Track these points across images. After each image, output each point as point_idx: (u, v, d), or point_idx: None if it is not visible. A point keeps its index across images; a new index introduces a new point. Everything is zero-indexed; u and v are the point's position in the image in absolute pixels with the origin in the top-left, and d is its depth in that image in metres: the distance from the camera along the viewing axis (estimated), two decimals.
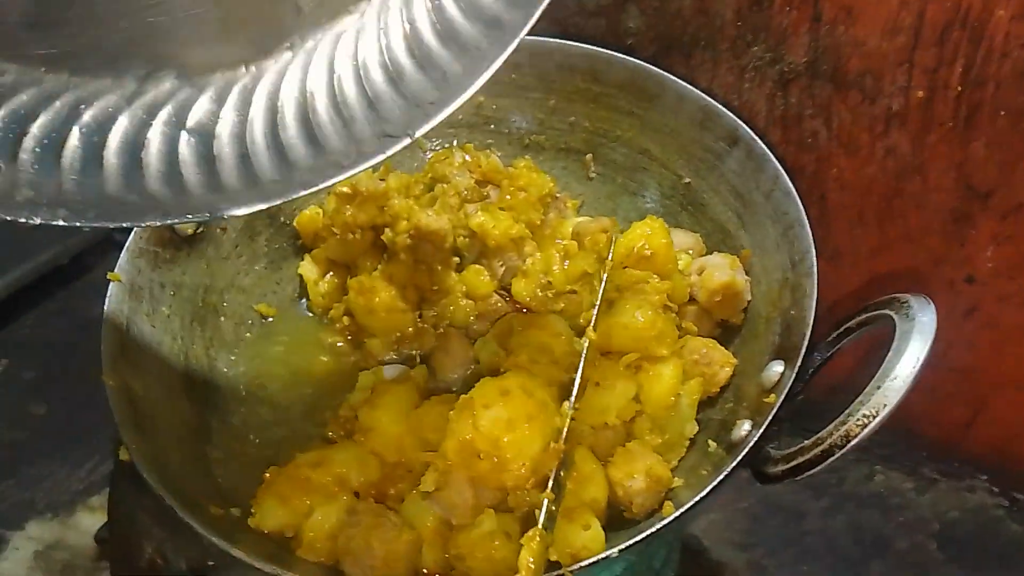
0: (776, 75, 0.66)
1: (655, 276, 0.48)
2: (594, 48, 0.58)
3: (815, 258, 0.45)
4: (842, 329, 0.42)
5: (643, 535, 0.37)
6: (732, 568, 0.69)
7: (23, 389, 0.85)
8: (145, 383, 0.46)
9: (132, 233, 0.50)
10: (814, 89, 0.66)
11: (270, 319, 0.56)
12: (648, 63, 0.66)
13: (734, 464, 0.39)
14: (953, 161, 0.64)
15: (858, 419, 0.35)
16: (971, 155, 0.63)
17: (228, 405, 0.51)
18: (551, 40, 0.59)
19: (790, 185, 0.49)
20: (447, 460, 0.39)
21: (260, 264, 0.58)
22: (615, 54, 0.57)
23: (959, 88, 0.61)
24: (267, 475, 0.44)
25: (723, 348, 0.48)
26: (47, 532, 0.70)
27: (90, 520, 0.70)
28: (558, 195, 0.58)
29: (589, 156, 0.60)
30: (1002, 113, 0.59)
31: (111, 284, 0.48)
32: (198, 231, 0.54)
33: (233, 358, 0.54)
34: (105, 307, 0.47)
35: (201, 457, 0.46)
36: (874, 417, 0.35)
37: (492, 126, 0.62)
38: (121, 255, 0.49)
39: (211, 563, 0.39)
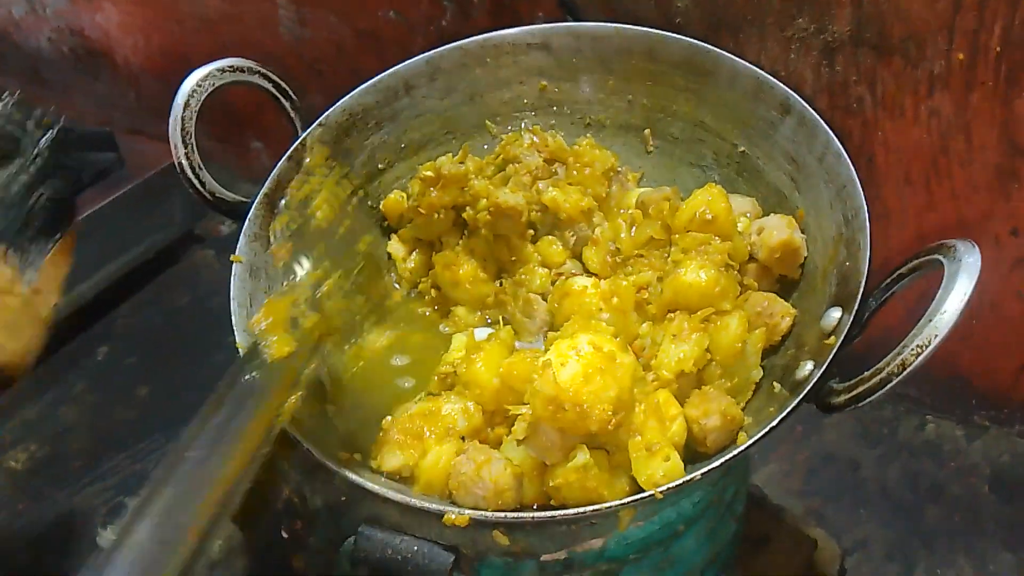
0: (821, 45, 0.70)
1: (716, 238, 0.53)
2: (650, 30, 0.62)
3: (867, 214, 0.49)
4: (895, 275, 0.47)
5: (720, 461, 0.43)
6: (792, 514, 0.74)
7: (126, 373, 0.93)
8: None
9: (246, 220, 0.56)
10: (858, 57, 0.69)
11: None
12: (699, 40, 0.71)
13: (800, 398, 0.44)
14: (996, 119, 0.67)
15: (912, 349, 0.39)
16: (1013, 113, 0.66)
17: (338, 368, 0.57)
18: (609, 25, 0.63)
19: (841, 148, 0.53)
20: (535, 414, 0.44)
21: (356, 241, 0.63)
22: (670, 34, 0.61)
23: (998, 49, 0.64)
24: (383, 425, 0.50)
25: (783, 300, 0.53)
26: None
27: None
28: (620, 169, 0.63)
29: (647, 131, 0.64)
30: None
31: (234, 266, 0.54)
32: None
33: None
34: (232, 286, 0.53)
35: (323, 413, 0.52)
36: (927, 347, 0.39)
37: (555, 108, 0.67)
38: (239, 240, 0.55)
39: (343, 498, 0.45)
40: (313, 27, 1.01)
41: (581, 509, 0.42)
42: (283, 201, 0.57)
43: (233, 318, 0.52)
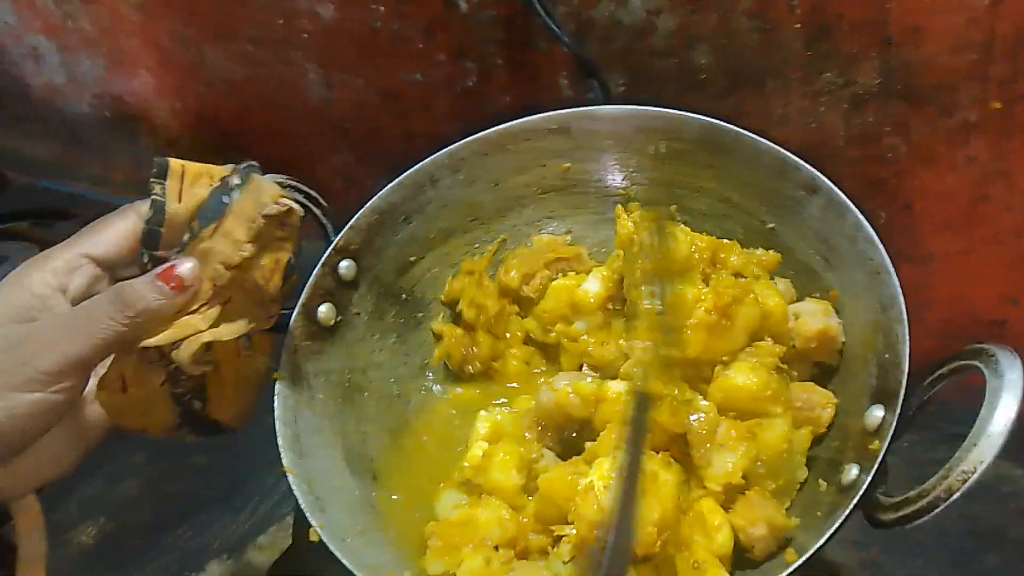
0: (850, 97, 0.69)
1: (769, 338, 0.52)
2: (668, 110, 0.62)
3: (904, 305, 0.48)
4: (935, 375, 0.46)
5: None
6: (848, 567, 0.73)
7: (184, 443, 0.95)
8: (316, 467, 0.54)
9: (288, 334, 0.57)
10: (889, 107, 0.68)
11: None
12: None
13: (849, 510, 0.43)
14: None
15: (958, 475, 0.39)
16: None
17: (382, 473, 0.58)
18: (626, 107, 0.63)
19: (872, 232, 0.52)
20: (579, 535, 0.45)
21: (390, 339, 0.65)
22: (688, 114, 0.61)
23: None
24: (427, 530, 0.52)
25: (822, 389, 0.52)
26: (226, 570, 0.78)
27: (261, 558, 0.78)
28: None
29: (673, 207, 0.64)
30: None
31: (277, 383, 0.56)
32: (338, 319, 0.61)
33: (379, 429, 0.61)
34: (275, 404, 0.55)
35: (369, 526, 0.54)
36: (972, 473, 0.39)
37: (578, 188, 0.67)
38: (281, 355, 0.57)
39: None
40: (339, 89, 1.02)
41: None
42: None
43: (279, 439, 0.53)
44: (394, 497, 0.57)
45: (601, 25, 0.70)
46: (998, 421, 0.38)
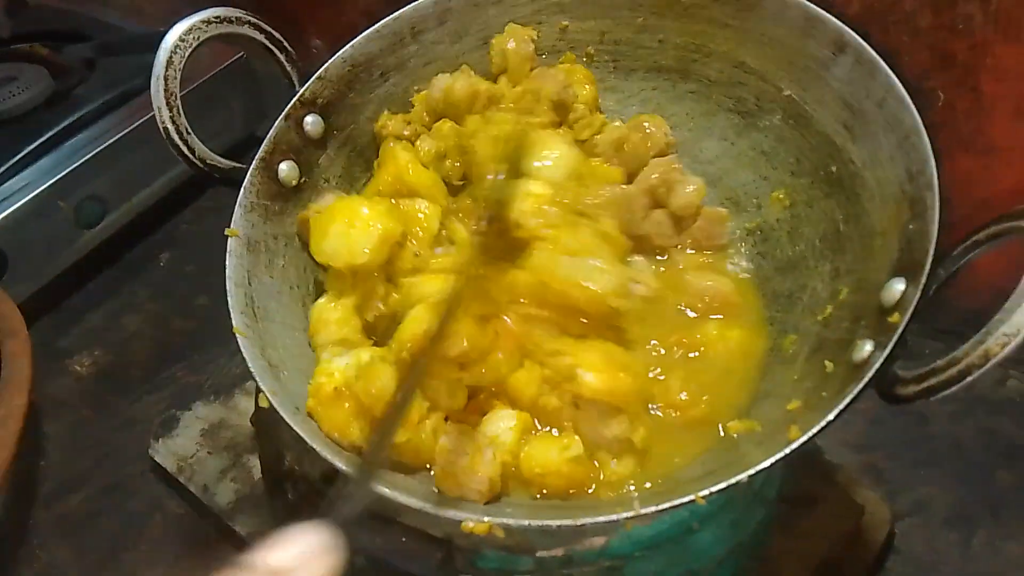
0: None
1: None
2: None
3: (935, 169, 0.43)
4: (970, 242, 0.41)
5: (770, 461, 0.38)
6: (846, 470, 0.69)
7: (187, 281, 0.94)
8: (272, 332, 0.49)
9: (242, 190, 0.52)
10: None
11: None
12: None
13: (860, 388, 0.39)
14: None
15: (998, 338, 0.34)
16: None
17: None
18: None
19: (904, 93, 0.46)
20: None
21: None
22: None
23: None
24: None
25: None
26: (212, 412, 0.78)
27: (247, 403, 0.78)
28: None
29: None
30: None
31: (230, 240, 0.50)
32: (302, 181, 0.55)
33: None
34: (227, 263, 0.49)
35: None
36: (1015, 335, 0.34)
37: (577, 50, 0.60)
38: (235, 211, 0.51)
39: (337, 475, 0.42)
40: None
41: (588, 519, 0.38)
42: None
43: (230, 299, 0.48)
44: None
45: None
46: None
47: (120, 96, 0.90)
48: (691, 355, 0.50)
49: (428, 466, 0.45)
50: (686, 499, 0.37)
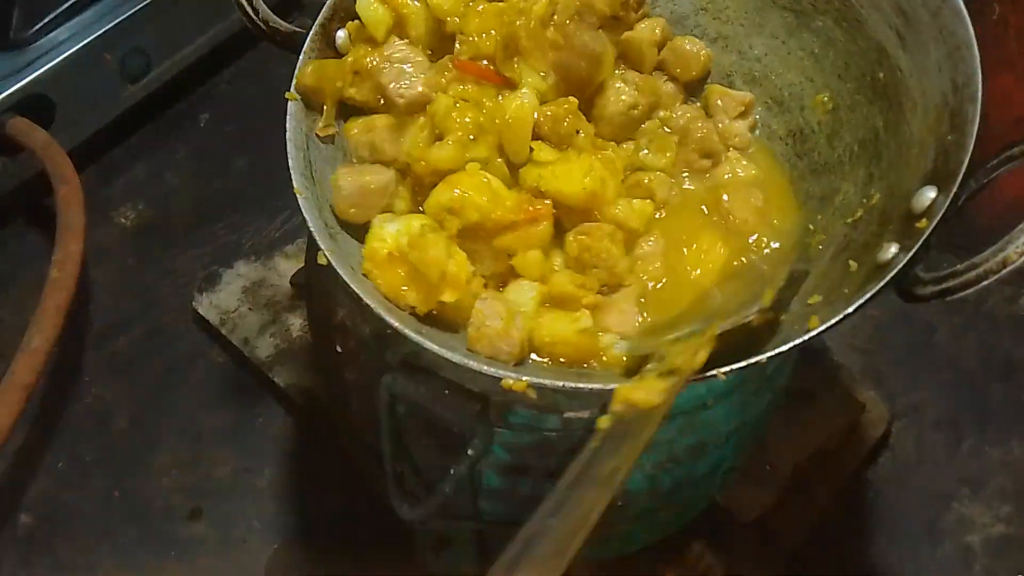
0: None
1: None
2: None
3: (980, 83, 0.44)
4: (1003, 156, 0.42)
5: (789, 345, 0.41)
6: (847, 370, 0.73)
7: (226, 141, 0.96)
8: (326, 195, 0.52)
9: (302, 55, 0.53)
10: None
11: None
12: None
13: (881, 284, 0.41)
14: None
15: (1017, 247, 0.36)
16: None
17: None
18: None
19: (959, 3, 0.47)
20: None
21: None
22: None
23: None
24: None
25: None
26: (253, 272, 0.82)
27: (286, 265, 0.82)
28: None
29: None
30: None
31: (289, 104, 0.52)
32: None
33: None
34: (287, 126, 0.51)
35: None
36: None
37: None
38: (295, 75, 0.53)
39: (388, 331, 0.45)
40: None
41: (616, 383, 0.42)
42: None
43: (291, 161, 0.50)
44: None
45: None
46: None
47: None
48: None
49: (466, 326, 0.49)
50: (709, 373, 0.41)
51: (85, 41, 0.83)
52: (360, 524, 0.69)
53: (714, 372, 0.40)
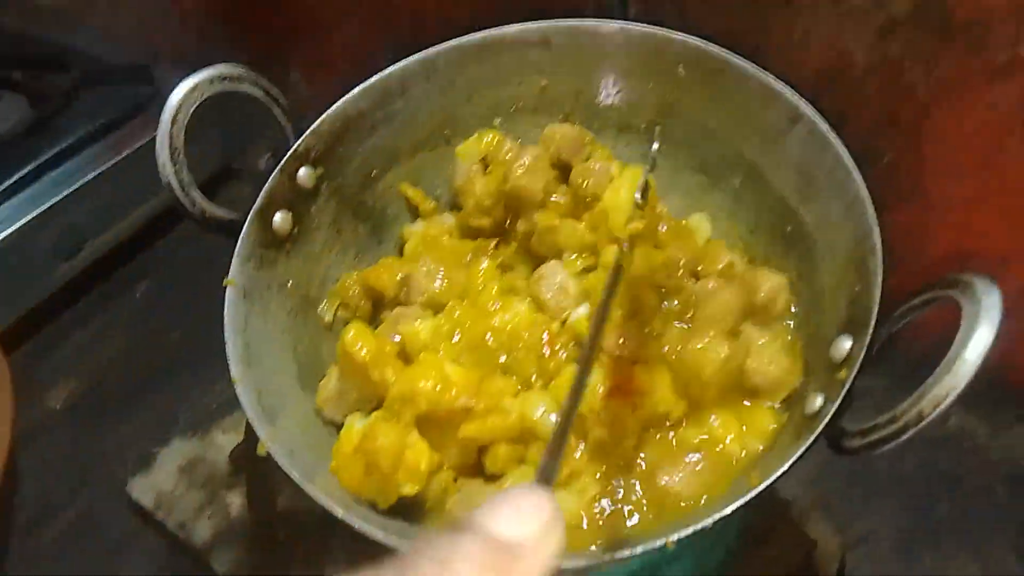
0: (879, 22, 0.63)
1: None
2: (656, 29, 0.59)
3: (879, 237, 0.48)
4: (906, 307, 0.45)
5: (735, 506, 0.42)
6: (798, 507, 0.73)
7: (162, 311, 0.94)
8: (265, 378, 0.51)
9: (240, 241, 0.54)
10: (917, 38, 0.63)
11: None
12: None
13: (814, 437, 0.43)
14: None
15: (930, 399, 0.38)
16: None
17: None
18: (611, 22, 0.60)
19: (851, 164, 0.51)
20: None
21: (349, 255, 0.62)
22: (676, 34, 0.58)
23: None
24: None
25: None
26: (189, 448, 0.78)
27: (224, 439, 0.79)
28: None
29: (658, 128, 0.62)
30: None
31: (228, 290, 0.52)
32: (294, 229, 0.58)
33: (333, 345, 0.58)
34: (225, 313, 0.52)
35: (320, 441, 0.52)
36: (944, 399, 0.38)
37: (556, 106, 0.64)
38: (232, 262, 0.54)
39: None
40: None
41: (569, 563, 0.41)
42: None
43: (228, 347, 0.50)
44: None
45: None
46: (973, 348, 0.38)
47: (102, 127, 0.91)
48: None
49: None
50: (658, 543, 0.41)
51: (16, 225, 0.83)
52: None
53: (663, 541, 0.40)
